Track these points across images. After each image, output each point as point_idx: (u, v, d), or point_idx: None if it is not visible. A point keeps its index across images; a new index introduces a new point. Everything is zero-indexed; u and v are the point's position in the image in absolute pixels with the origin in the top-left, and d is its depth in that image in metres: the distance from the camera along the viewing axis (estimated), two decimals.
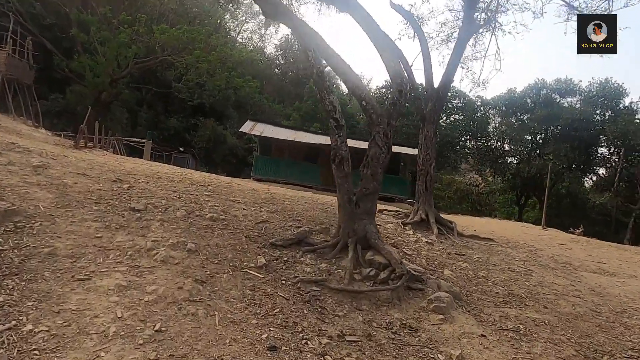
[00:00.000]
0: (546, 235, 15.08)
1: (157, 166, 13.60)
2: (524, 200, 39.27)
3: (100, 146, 17.24)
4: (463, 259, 7.42)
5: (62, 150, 11.83)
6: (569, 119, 31.34)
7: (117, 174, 8.57)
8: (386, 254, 5.07)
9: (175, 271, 4.19)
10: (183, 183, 9.02)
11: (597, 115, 32.49)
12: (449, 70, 10.86)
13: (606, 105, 32.28)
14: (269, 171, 22.33)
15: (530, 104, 35.18)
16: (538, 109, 34.07)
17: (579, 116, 31.45)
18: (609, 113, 32.32)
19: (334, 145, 5.45)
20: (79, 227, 4.92)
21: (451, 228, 10.18)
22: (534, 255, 9.35)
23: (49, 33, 27.63)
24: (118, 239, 4.74)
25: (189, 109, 35.53)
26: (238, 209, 7.13)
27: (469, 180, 42.63)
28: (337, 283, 4.70)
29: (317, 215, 8.18)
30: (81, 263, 4.07)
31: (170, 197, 6.92)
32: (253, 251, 5.13)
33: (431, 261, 6.75)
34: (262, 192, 10.18)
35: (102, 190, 6.63)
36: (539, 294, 6.12)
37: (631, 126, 28.51)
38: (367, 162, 5.68)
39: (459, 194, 39.57)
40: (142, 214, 5.67)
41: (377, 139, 5.63)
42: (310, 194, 15.88)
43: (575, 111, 31.91)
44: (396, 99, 5.79)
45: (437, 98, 10.67)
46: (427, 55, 10.95)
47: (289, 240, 5.46)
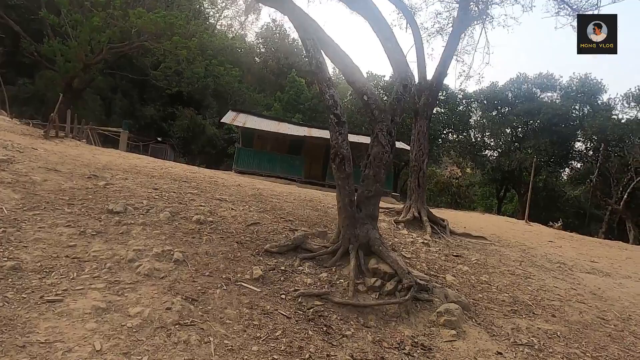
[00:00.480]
0: (532, 231, 15.10)
1: (135, 159, 12.88)
2: (503, 193, 39.80)
3: (72, 136, 16.29)
4: (462, 261, 7.13)
5: (30, 141, 11.01)
6: (549, 113, 31.70)
7: (91, 168, 7.93)
8: (392, 262, 4.68)
9: (161, 287, 3.69)
10: (164, 179, 8.43)
11: (576, 111, 32.96)
12: (443, 63, 10.51)
13: (585, 100, 32.76)
14: (252, 163, 21.71)
15: (511, 97, 35.44)
16: (519, 103, 34.37)
17: (558, 111, 31.85)
18: (588, 108, 32.85)
19: (334, 143, 5.00)
20: (49, 234, 4.35)
21: (444, 226, 9.93)
22: (527, 254, 9.18)
23: (15, 14, 26.02)
24: (94, 248, 4.20)
25: (167, 98, 34.33)
26: (226, 208, 6.63)
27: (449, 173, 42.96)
28: (341, 296, 4.29)
29: (308, 214, 7.76)
30: (51, 279, 3.53)
31: (152, 196, 6.35)
32: (247, 259, 4.66)
33: (431, 265, 6.42)
34: (248, 188, 9.68)
35: (76, 189, 6.02)
36: (544, 300, 5.87)
37: (609, 122, 28.99)
38: (369, 162, 5.26)
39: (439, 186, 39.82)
40: (121, 217, 5.12)
41: (380, 137, 5.21)
42: (295, 187, 15.45)
43: (555, 106, 32.30)
44: (400, 93, 5.37)
45: (430, 92, 10.33)
46: (420, 47, 10.58)
47: (284, 246, 5.00)
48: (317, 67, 5.03)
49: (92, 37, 24.00)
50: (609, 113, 30.73)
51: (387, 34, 5.51)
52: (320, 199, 10.45)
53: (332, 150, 5.05)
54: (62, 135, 14.95)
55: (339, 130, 4.98)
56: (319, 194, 12.06)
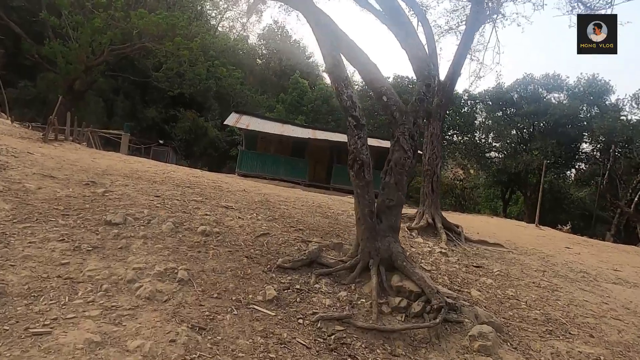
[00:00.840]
0: (545, 236, 14.62)
1: (137, 162, 12.48)
2: (508, 195, 39.28)
3: (72, 139, 15.90)
4: (483, 272, 6.69)
5: (27, 145, 10.62)
6: (557, 114, 31.21)
7: (90, 174, 7.51)
8: (418, 280, 4.24)
9: (164, 313, 3.27)
10: (167, 184, 8.02)
11: (583, 112, 32.44)
12: (456, 62, 10.09)
13: (592, 101, 32.24)
14: (255, 166, 21.29)
15: (517, 98, 34.94)
16: (525, 104, 33.87)
17: (566, 112, 31.36)
18: (595, 110, 32.32)
19: (353, 147, 4.56)
20: (40, 249, 3.93)
21: (458, 233, 9.49)
22: (547, 263, 8.72)
23: (16, 15, 25.68)
24: (90, 266, 3.77)
25: (168, 99, 33.95)
26: (232, 217, 6.20)
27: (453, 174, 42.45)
28: (364, 319, 3.85)
29: (319, 222, 7.32)
30: (40, 305, 3.10)
31: (154, 204, 5.93)
32: (258, 277, 4.23)
33: (453, 278, 5.98)
34: (254, 194, 9.26)
35: (72, 197, 5.60)
36: (577, 317, 5.42)
37: (617, 123, 28.48)
38: (389, 169, 4.83)
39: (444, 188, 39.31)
40: (120, 230, 4.69)
41: (401, 141, 4.78)
42: (300, 191, 15.00)
43: (562, 107, 31.81)
44: (423, 94, 4.94)
45: (443, 92, 9.89)
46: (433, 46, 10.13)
47: (298, 261, 4.57)
48: (334, 66, 4.60)
49: (94, 38, 23.64)
50: (618, 114, 30.21)
51: (408, 29, 5.09)
52: (329, 205, 10.02)
53: (351, 155, 4.62)
54: (62, 138, 14.56)
55: (357, 133, 4.55)
56: (326, 199, 11.63)
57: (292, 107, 37.09)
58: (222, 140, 34.86)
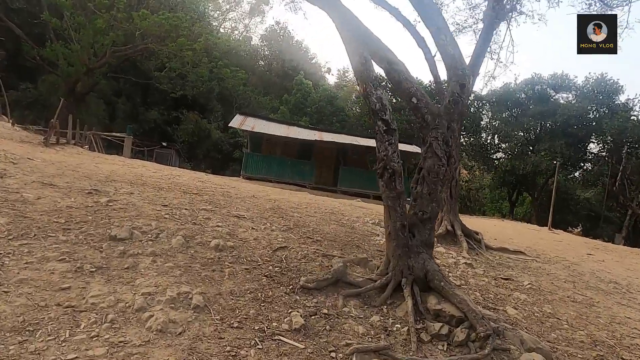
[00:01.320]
0: (562, 241, 14.17)
1: (141, 167, 12.07)
2: (515, 197, 38.77)
3: (74, 142, 15.50)
4: (514, 286, 6.24)
5: (28, 149, 10.22)
6: (565, 114, 30.71)
7: (93, 181, 7.10)
8: (459, 302, 3.80)
9: (180, 350, 2.83)
10: (174, 191, 7.59)
11: (593, 112, 31.91)
12: (474, 62, 9.64)
13: (602, 101, 31.72)
14: (261, 169, 20.86)
15: (523, 99, 34.45)
16: (532, 104, 33.38)
17: (574, 112, 30.86)
18: (604, 109, 31.80)
19: (383, 155, 4.12)
20: (38, 271, 3.50)
21: (478, 240, 9.06)
22: (574, 272, 8.27)
23: (17, 17, 25.33)
24: (94, 291, 3.34)
25: (171, 101, 33.58)
26: (246, 228, 5.77)
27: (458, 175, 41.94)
28: (403, 350, 3.41)
29: (335, 232, 6.89)
30: (36, 343, 2.67)
31: (161, 215, 5.50)
32: (281, 300, 3.79)
33: (485, 293, 5.53)
34: (264, 200, 8.83)
35: (74, 208, 5.18)
36: (625, 338, 4.97)
37: (629, 123, 27.97)
38: (421, 178, 4.39)
39: None
40: (126, 246, 4.26)
41: (434, 146, 4.33)
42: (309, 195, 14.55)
43: (571, 107, 31.30)
44: (457, 95, 4.50)
45: None
46: None
47: (323, 280, 4.12)
48: (361, 64, 4.16)
49: (96, 40, 23.29)
50: (628, 114, 29.68)
51: (440, 24, 4.66)
52: (342, 211, 9.59)
53: (380, 163, 4.17)
54: (64, 141, 14.17)
55: (388, 139, 4.10)
56: (337, 204, 11.18)
57: (296, 108, 36.64)
58: (225, 142, 34.46)
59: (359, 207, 12.01)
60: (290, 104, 36.96)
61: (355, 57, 4.20)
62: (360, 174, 21.77)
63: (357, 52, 4.17)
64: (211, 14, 41.38)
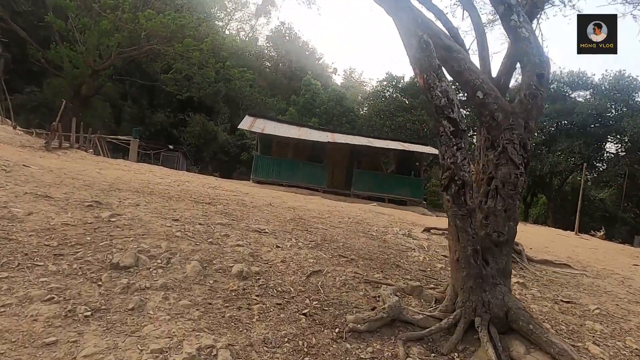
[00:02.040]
0: (597, 248, 13.25)
1: (147, 172, 11.33)
2: (530, 198, 37.73)
3: (78, 146, 14.81)
4: (580, 312, 5.37)
5: (26, 155, 9.49)
6: (584, 113, 29.67)
7: (94, 190, 6.33)
8: (558, 354, 2.96)
9: None
10: (184, 201, 6.81)
11: (612, 110, 30.84)
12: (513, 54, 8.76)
13: (620, 99, 30.65)
14: (271, 172, 20.06)
15: None
16: (548, 103, 32.35)
17: (593, 111, 29.83)
18: (622, 107, 30.73)
19: (450, 162, 3.28)
20: (17, 319, 2.71)
21: (519, 252, 8.15)
22: (632, 290, 7.38)
23: (22, 20, 24.76)
24: (88, 348, 2.53)
25: (177, 103, 32.98)
26: (269, 246, 4.96)
27: None
28: None
29: (368, 247, 6.06)
30: None
31: (172, 232, 4.70)
32: (327, 350, 2.97)
33: (554, 323, 4.67)
34: (282, 209, 8.04)
35: (69, 226, 4.40)
36: None
37: None
38: (494, 190, 3.56)
39: None
40: (130, 277, 3.47)
41: (509, 151, 3.50)
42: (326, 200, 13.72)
43: (590, 106, 30.25)
44: (535, 87, 3.67)
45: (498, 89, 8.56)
46: (483, 38, 8.85)
47: (377, 320, 3.29)
48: (420, 50, 3.32)
49: (101, 41, 22.68)
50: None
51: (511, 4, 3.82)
52: (367, 221, 8.77)
53: (445, 173, 3.34)
54: (67, 145, 13.47)
55: (456, 143, 3.27)
56: (359, 211, 10.37)
57: (305, 109, 35.89)
58: (232, 145, 33.75)
59: (380, 213, 11.19)
60: (299, 105, 36.23)
61: (412, 40, 3.37)
62: (374, 177, 20.92)
63: (415, 34, 3.34)
64: (217, 15, 40.78)
